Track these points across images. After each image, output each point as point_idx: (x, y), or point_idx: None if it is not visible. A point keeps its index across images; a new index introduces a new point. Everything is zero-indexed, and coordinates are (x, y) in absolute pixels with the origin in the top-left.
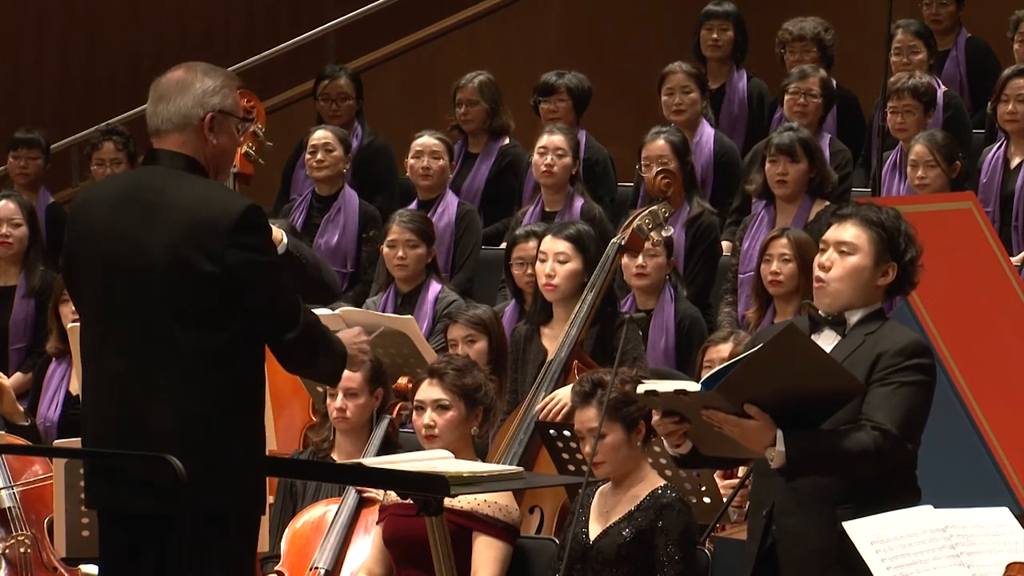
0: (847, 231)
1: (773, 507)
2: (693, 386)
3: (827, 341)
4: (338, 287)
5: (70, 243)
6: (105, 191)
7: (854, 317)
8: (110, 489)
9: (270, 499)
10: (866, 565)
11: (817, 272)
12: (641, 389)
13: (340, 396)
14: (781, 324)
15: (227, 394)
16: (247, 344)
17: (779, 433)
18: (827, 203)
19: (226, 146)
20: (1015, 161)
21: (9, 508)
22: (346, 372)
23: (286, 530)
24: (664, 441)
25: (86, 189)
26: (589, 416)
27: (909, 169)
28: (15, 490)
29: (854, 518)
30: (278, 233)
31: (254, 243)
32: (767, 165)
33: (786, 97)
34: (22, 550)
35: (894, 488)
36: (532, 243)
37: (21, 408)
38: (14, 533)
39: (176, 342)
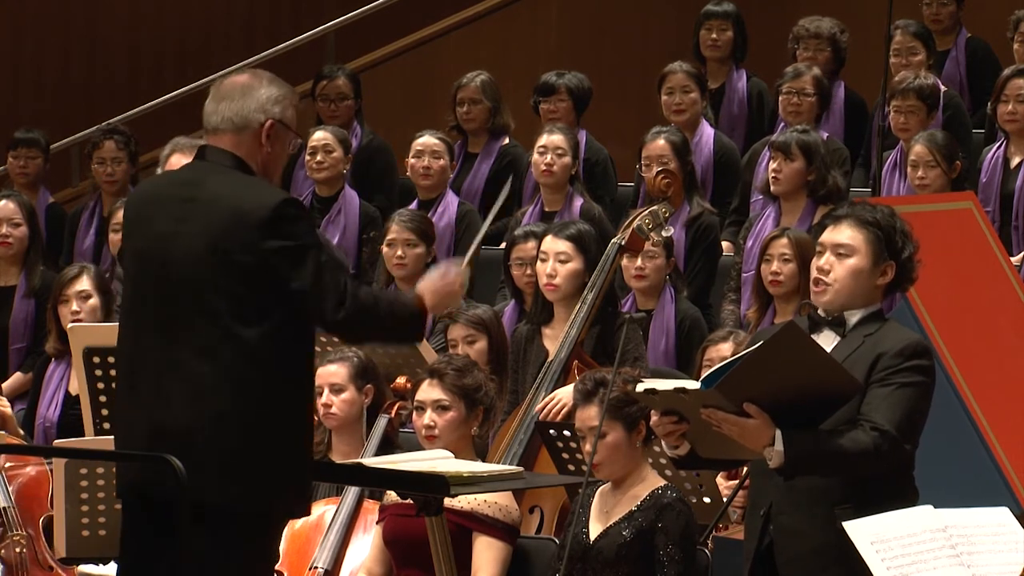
0: (843, 233)
1: (771, 507)
2: (693, 384)
3: (827, 342)
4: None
5: (122, 240)
6: (148, 187)
7: (853, 318)
8: (140, 475)
9: None
10: (864, 564)
11: (816, 275)
12: (640, 388)
13: (326, 392)
14: (781, 324)
15: (263, 392)
16: (286, 341)
17: (778, 433)
18: (832, 206)
19: (278, 157)
20: (1015, 161)
21: (5, 509)
22: (332, 367)
23: (285, 530)
24: (662, 442)
25: (138, 185)
26: (590, 415)
27: (909, 169)
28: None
29: (852, 518)
30: None
31: (293, 231)
32: (768, 161)
33: (780, 97)
34: (18, 550)
35: (892, 488)
36: (531, 243)
37: (21, 432)
38: (10, 533)
39: (209, 338)
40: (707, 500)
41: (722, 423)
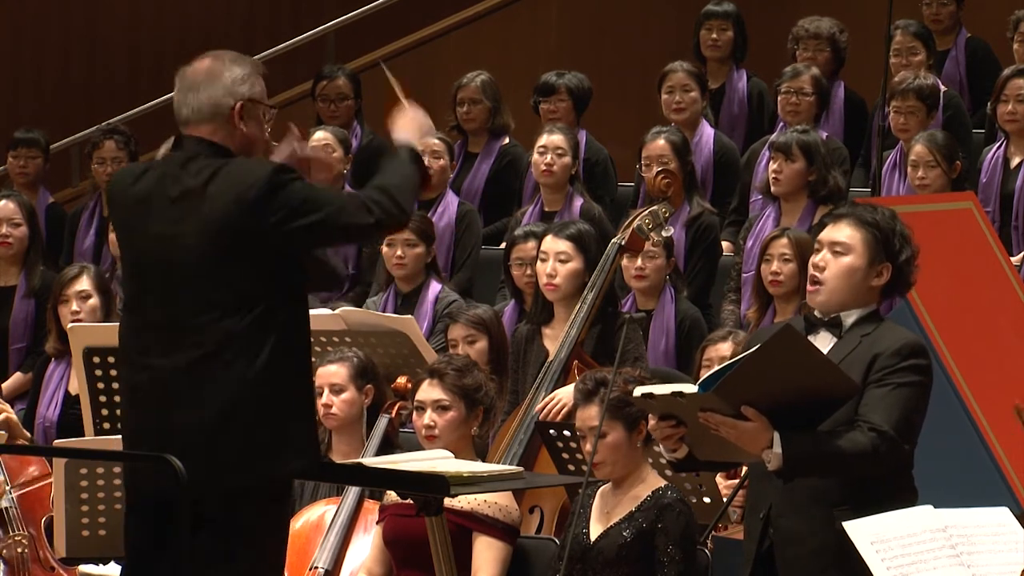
0: (841, 231)
1: (770, 509)
2: (690, 388)
3: (823, 342)
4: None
5: (116, 236)
6: (133, 186)
7: (850, 318)
8: (153, 482)
9: None
10: (864, 565)
11: (811, 272)
12: (638, 392)
13: (326, 392)
14: (777, 325)
15: (269, 389)
16: (289, 334)
17: (776, 435)
18: (832, 207)
19: (255, 134)
20: (1015, 161)
21: (6, 508)
22: (332, 368)
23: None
24: (660, 445)
25: (114, 179)
26: (591, 414)
27: (909, 169)
28: (13, 494)
29: (851, 519)
30: None
31: (292, 194)
32: (768, 163)
33: (779, 96)
34: (19, 550)
35: (891, 489)
36: (531, 244)
37: (28, 434)
38: (11, 533)
39: (213, 336)
40: (707, 500)
41: (720, 426)
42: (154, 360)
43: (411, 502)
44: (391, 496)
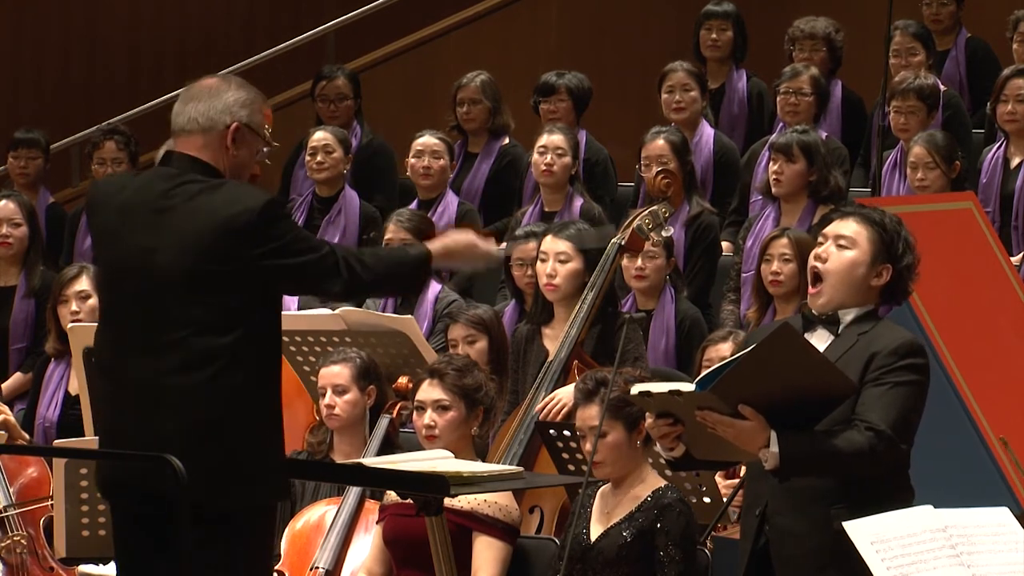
0: (847, 226)
1: (766, 507)
2: (688, 387)
3: (820, 340)
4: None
5: (92, 243)
6: (118, 195)
7: (848, 316)
8: (120, 487)
9: None
10: (861, 565)
11: (812, 263)
12: (635, 390)
13: (329, 393)
14: (775, 323)
15: (239, 397)
16: (263, 345)
17: (773, 434)
18: (832, 207)
19: (244, 160)
20: (1015, 161)
21: (5, 508)
22: (335, 368)
23: (286, 530)
24: (657, 444)
25: (97, 185)
26: (591, 414)
27: (909, 171)
28: (15, 511)
29: (848, 518)
30: None
31: (280, 231)
32: (768, 163)
33: (778, 97)
34: (19, 550)
35: (888, 488)
36: (532, 244)
37: (27, 436)
38: (10, 533)
39: (191, 347)
40: (707, 500)
41: (717, 425)
42: (132, 369)
43: (411, 502)
44: (391, 496)
